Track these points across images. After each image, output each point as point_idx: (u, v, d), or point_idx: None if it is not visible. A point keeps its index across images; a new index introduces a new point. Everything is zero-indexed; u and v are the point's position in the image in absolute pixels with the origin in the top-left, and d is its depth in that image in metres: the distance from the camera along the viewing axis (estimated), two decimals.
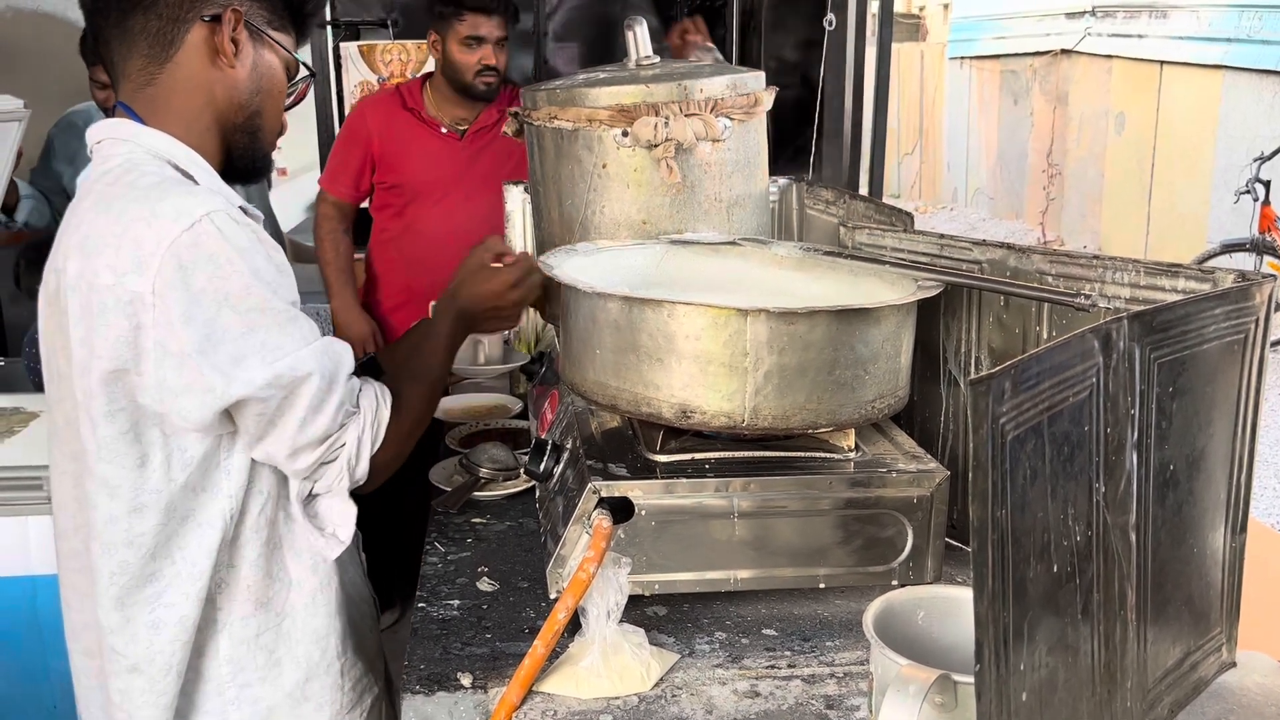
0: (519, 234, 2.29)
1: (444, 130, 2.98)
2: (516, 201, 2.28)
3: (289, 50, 1.33)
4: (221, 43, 1.26)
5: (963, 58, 13.98)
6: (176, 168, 1.24)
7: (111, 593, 1.24)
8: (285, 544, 1.31)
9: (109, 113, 1.45)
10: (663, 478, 1.35)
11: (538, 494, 1.62)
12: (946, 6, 15.89)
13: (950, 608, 1.14)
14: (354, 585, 1.47)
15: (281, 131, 1.38)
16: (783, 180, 2.26)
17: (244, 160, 1.34)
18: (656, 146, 1.64)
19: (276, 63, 1.32)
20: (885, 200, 2.15)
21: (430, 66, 3.47)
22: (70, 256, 1.18)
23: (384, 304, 3.12)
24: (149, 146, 1.24)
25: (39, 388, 2.19)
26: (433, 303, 1.57)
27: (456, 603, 1.45)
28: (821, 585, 1.39)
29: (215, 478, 1.23)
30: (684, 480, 1.34)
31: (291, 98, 1.38)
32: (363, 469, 1.28)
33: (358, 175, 3.02)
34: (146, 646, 1.24)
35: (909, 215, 1.71)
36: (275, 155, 3.01)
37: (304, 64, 1.36)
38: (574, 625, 1.26)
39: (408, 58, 3.75)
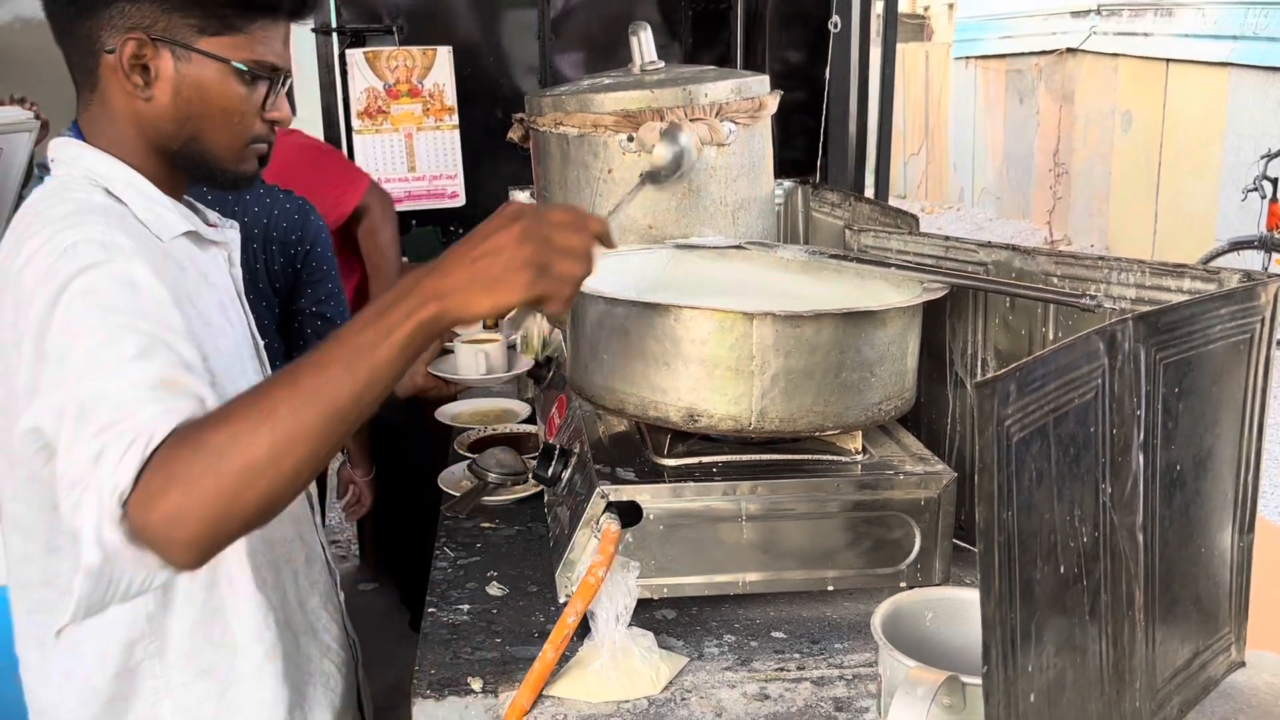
0: None
1: None
2: None
3: (223, 57, 1.16)
4: (121, 78, 1.15)
5: (968, 57, 13.96)
6: (110, 193, 1.17)
7: (32, 632, 1.18)
8: (230, 609, 1.24)
9: None
10: (670, 481, 1.35)
11: (546, 498, 1.62)
12: (951, 6, 15.87)
13: (958, 609, 1.14)
14: (327, 630, 1.40)
15: (257, 139, 1.23)
16: (788, 183, 2.26)
17: (206, 180, 1.25)
18: None
19: (209, 77, 1.16)
20: (891, 201, 2.15)
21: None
22: None
23: None
24: (87, 169, 1.17)
25: None
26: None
27: (466, 607, 1.45)
28: (830, 588, 1.39)
29: None
30: (692, 484, 1.35)
31: (272, 100, 1.21)
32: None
33: None
34: (57, 692, 1.19)
35: (914, 217, 1.72)
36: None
37: (253, 63, 1.18)
38: (583, 629, 1.27)
39: (413, 63, 3.75)
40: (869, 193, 3.33)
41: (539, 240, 1.00)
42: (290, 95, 1.26)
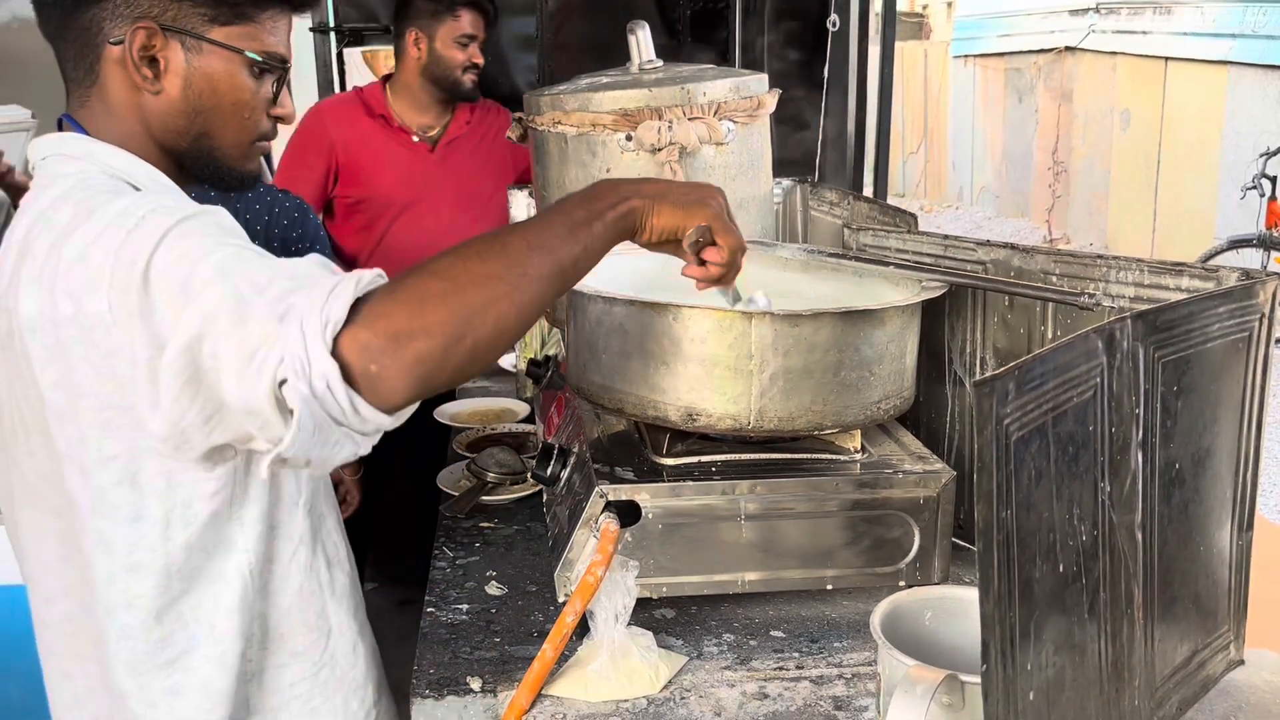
0: None
1: (415, 139, 2.82)
2: (522, 206, 2.28)
3: (236, 47, 1.12)
4: (130, 70, 1.09)
5: (967, 56, 13.97)
6: (134, 187, 1.10)
7: (121, 658, 1.10)
8: (326, 590, 1.22)
9: None
10: (669, 481, 1.35)
11: (545, 498, 1.62)
12: (950, 5, 15.88)
13: (957, 608, 1.14)
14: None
15: (263, 136, 1.19)
16: (787, 182, 2.26)
17: (211, 180, 1.18)
18: (660, 150, 1.65)
19: (220, 69, 1.12)
20: (890, 199, 2.15)
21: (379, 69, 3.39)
22: (22, 293, 1.03)
23: None
24: (105, 164, 1.10)
25: None
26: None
27: (465, 607, 1.45)
28: (829, 587, 1.39)
29: (228, 532, 1.10)
30: (690, 483, 1.35)
31: (277, 95, 1.17)
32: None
33: (321, 186, 2.78)
34: (168, 713, 1.12)
35: (913, 216, 1.72)
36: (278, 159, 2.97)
37: (265, 54, 1.14)
38: (582, 628, 1.27)
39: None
40: (867, 191, 3.33)
41: (725, 206, 1.15)
42: (289, 91, 1.24)
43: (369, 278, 0.93)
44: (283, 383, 0.88)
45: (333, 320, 0.88)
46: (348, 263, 2.82)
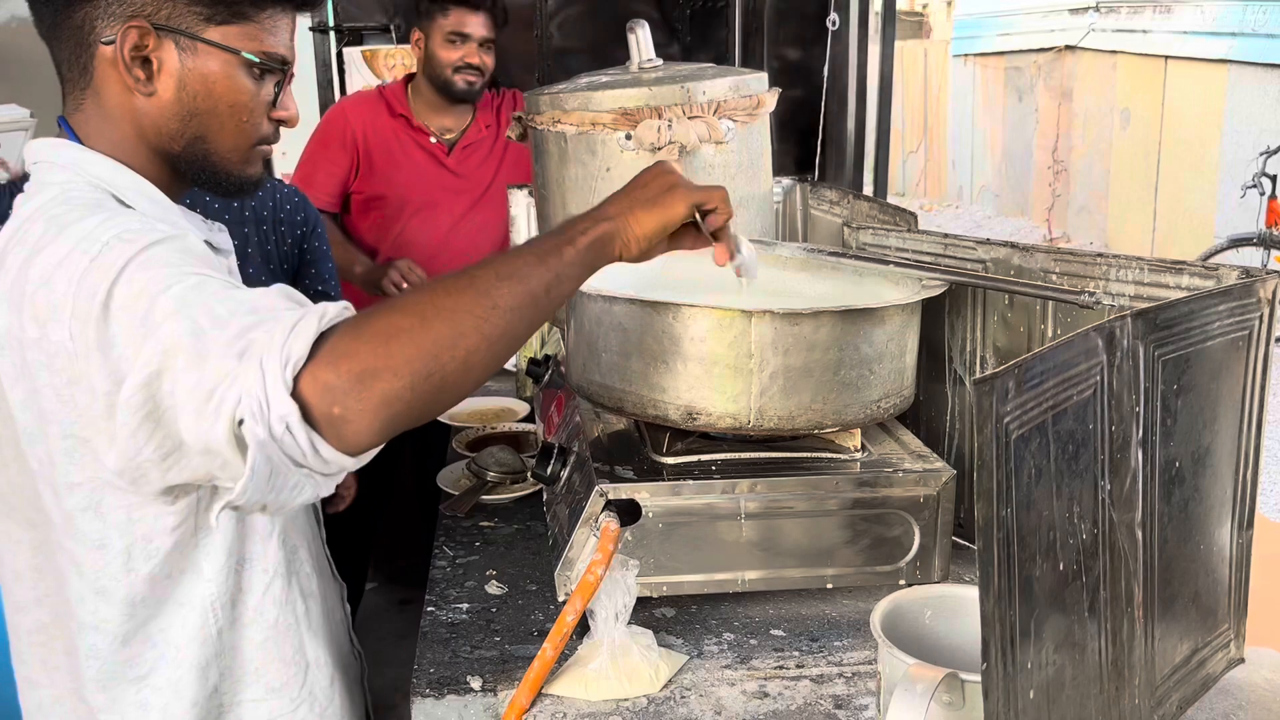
0: (524, 238, 2.30)
1: (432, 140, 2.85)
2: (521, 205, 2.28)
3: (233, 48, 1.07)
4: (122, 71, 1.06)
5: (966, 55, 13.97)
6: (119, 200, 1.07)
7: (91, 674, 1.11)
8: (302, 623, 1.21)
9: None
10: (669, 480, 1.35)
11: (545, 497, 1.62)
12: (950, 4, 15.88)
13: (957, 607, 1.14)
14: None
15: (264, 140, 1.15)
16: (787, 181, 2.26)
17: (208, 186, 1.15)
18: (660, 149, 1.65)
19: (216, 70, 1.07)
20: (890, 198, 2.15)
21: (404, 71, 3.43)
22: None
23: None
24: (92, 175, 1.07)
25: None
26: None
27: (465, 606, 1.45)
28: (829, 585, 1.39)
29: (194, 559, 1.09)
30: (691, 482, 1.35)
31: (278, 97, 1.13)
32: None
33: (343, 180, 2.81)
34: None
35: (913, 215, 1.72)
36: (278, 161, 2.97)
37: (264, 55, 1.09)
38: (582, 627, 1.27)
39: (410, 62, 3.75)
40: (867, 190, 3.33)
41: (679, 172, 1.14)
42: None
43: (334, 311, 0.89)
44: (241, 422, 0.85)
45: (293, 359, 0.85)
46: (367, 255, 2.86)
